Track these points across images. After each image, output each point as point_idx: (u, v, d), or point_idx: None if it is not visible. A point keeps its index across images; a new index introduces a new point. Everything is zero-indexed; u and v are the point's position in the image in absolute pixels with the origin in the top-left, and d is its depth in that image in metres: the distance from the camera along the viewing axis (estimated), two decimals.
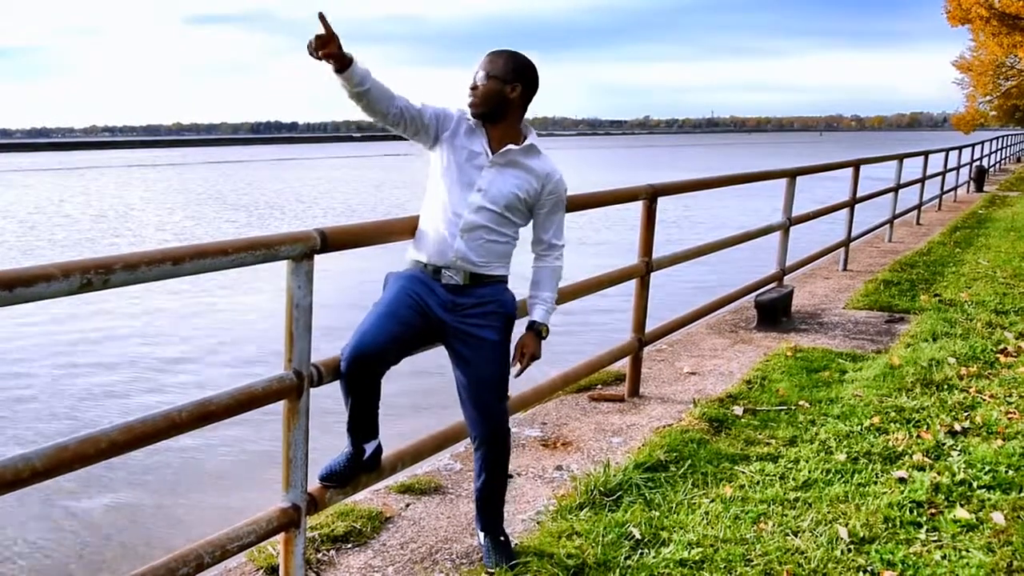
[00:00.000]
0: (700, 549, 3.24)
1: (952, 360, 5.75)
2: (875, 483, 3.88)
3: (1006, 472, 3.94)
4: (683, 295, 9.02)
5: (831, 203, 10.08)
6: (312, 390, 2.89)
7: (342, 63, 2.71)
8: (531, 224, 3.19)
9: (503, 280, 3.12)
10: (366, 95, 2.80)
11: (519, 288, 3.23)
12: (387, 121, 2.93)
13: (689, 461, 4.12)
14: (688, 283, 10.39)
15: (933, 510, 3.61)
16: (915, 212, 15.23)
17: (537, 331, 3.18)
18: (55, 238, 18.46)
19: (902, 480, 3.89)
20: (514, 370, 3.15)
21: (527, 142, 3.04)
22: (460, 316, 3.02)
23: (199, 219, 22.61)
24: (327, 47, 2.67)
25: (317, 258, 2.84)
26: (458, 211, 2.98)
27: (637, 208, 5.19)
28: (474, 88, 3.00)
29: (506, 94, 2.98)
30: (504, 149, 3.00)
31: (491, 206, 2.99)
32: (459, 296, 3.02)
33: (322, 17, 2.66)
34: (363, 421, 3.05)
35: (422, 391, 6.30)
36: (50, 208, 26.32)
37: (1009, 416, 4.72)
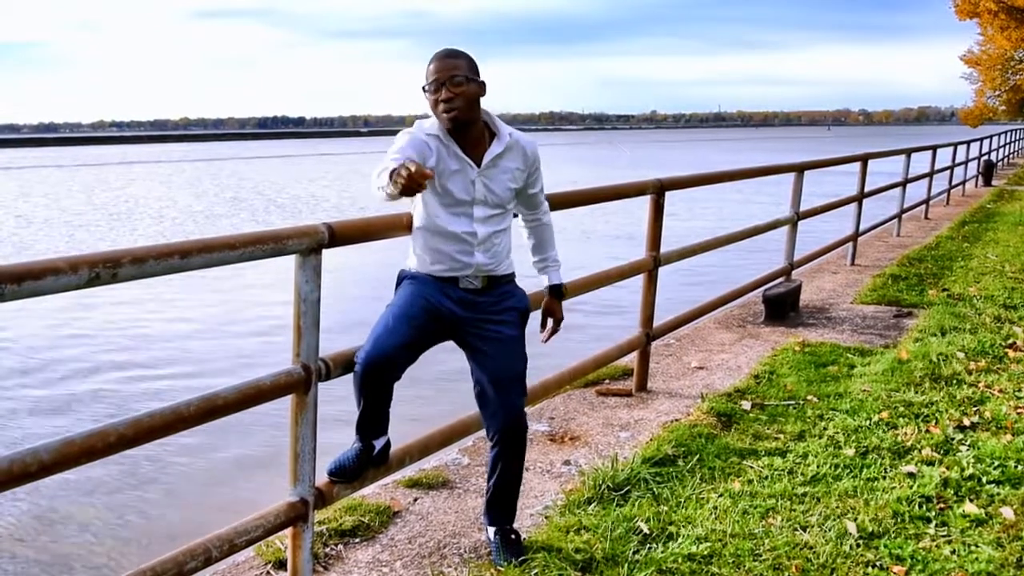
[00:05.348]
0: (708, 544, 3.24)
1: (961, 355, 5.72)
2: (884, 478, 3.86)
3: (1015, 467, 3.93)
4: (691, 289, 9.00)
5: (839, 197, 10.05)
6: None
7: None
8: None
9: (513, 277, 3.14)
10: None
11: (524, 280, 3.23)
12: None
13: (697, 456, 4.11)
14: (696, 277, 10.37)
15: (942, 505, 3.59)
16: (923, 206, 15.19)
17: (559, 294, 3.36)
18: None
19: (911, 475, 3.88)
20: (543, 336, 3.32)
21: (502, 135, 2.98)
22: (478, 313, 3.03)
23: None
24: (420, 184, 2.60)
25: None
26: (468, 230, 2.96)
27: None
28: (451, 98, 2.83)
29: (479, 93, 2.90)
30: (490, 157, 2.95)
31: (495, 210, 3.00)
32: (477, 296, 3.03)
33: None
34: (374, 420, 3.05)
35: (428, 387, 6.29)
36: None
37: (1018, 411, 4.70)
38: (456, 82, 2.84)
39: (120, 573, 2.49)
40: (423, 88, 2.90)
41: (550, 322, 3.35)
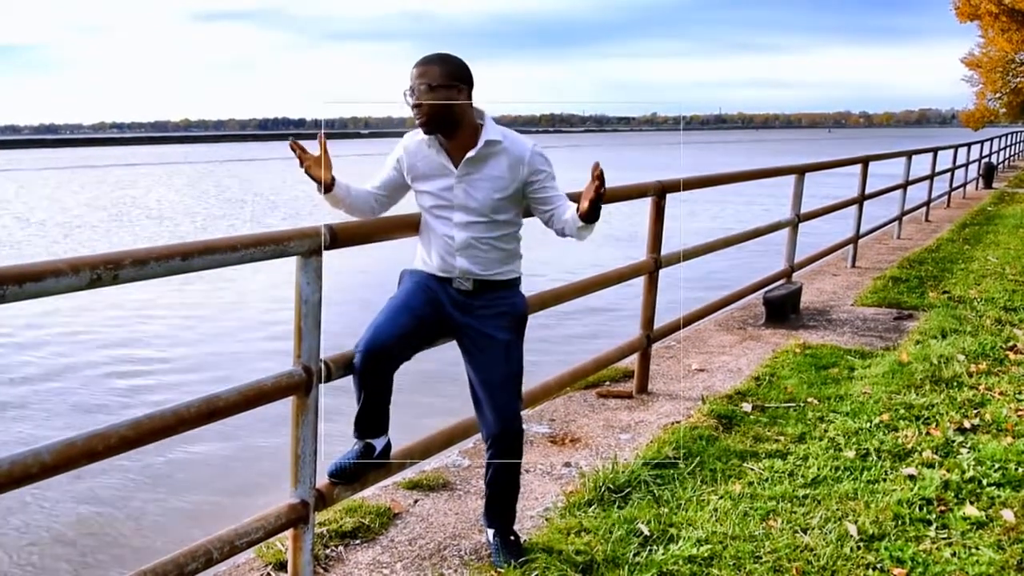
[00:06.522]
0: (709, 546, 3.23)
1: (961, 357, 5.72)
2: (884, 480, 3.86)
3: (1016, 469, 3.93)
4: (691, 291, 8.99)
5: (840, 199, 10.05)
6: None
7: (327, 187, 2.90)
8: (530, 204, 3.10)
9: (514, 283, 3.12)
10: (348, 209, 3.03)
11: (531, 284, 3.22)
12: (375, 215, 3.11)
13: (698, 458, 4.11)
14: (696, 279, 10.37)
15: (943, 507, 3.59)
16: (924, 209, 15.19)
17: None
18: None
19: (911, 477, 3.87)
20: (593, 187, 2.83)
21: (484, 138, 2.93)
22: (472, 316, 3.03)
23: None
24: (316, 171, 2.86)
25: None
26: (448, 233, 2.99)
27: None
28: (418, 106, 2.87)
29: (452, 99, 2.88)
30: (465, 159, 2.93)
31: (477, 218, 2.97)
32: (470, 298, 3.04)
33: (323, 142, 2.82)
34: (374, 417, 3.06)
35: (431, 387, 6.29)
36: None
37: (1019, 413, 4.70)
38: (423, 90, 2.86)
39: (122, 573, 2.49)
40: (403, 94, 2.93)
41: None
